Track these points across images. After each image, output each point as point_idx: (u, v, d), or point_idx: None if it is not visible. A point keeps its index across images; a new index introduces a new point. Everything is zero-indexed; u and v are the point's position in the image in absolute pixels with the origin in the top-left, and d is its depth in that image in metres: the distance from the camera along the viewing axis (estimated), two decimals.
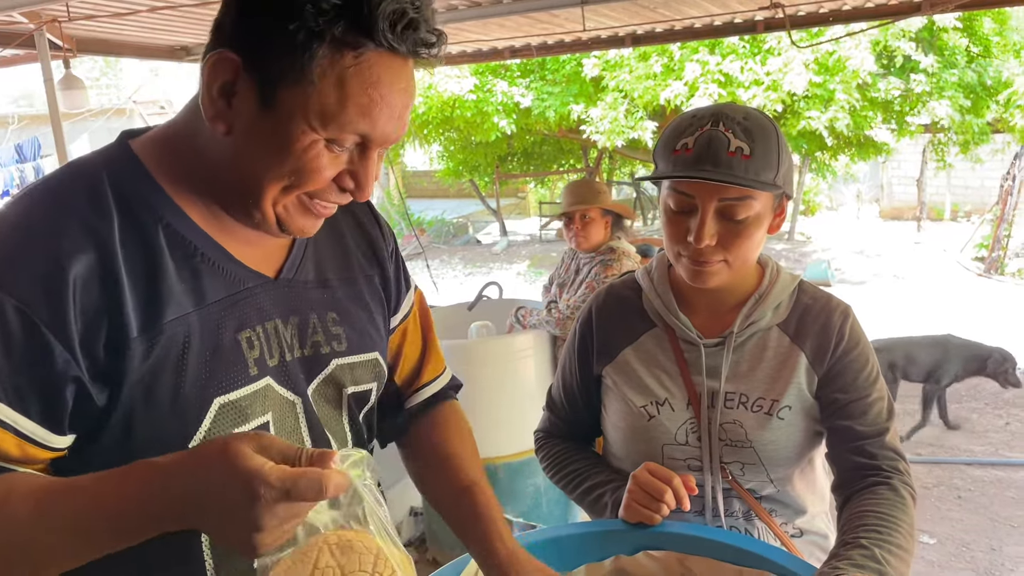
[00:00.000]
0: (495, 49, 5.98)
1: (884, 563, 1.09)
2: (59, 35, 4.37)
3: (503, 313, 3.85)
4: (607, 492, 1.36)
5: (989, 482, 4.41)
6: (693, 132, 1.21)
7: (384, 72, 0.84)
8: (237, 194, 0.89)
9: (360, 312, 1.07)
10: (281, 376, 0.96)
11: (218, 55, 0.83)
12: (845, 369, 1.30)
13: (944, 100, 9.52)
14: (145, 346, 0.84)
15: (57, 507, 0.76)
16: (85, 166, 0.90)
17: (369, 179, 0.91)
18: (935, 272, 10.87)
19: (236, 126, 0.85)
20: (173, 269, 0.87)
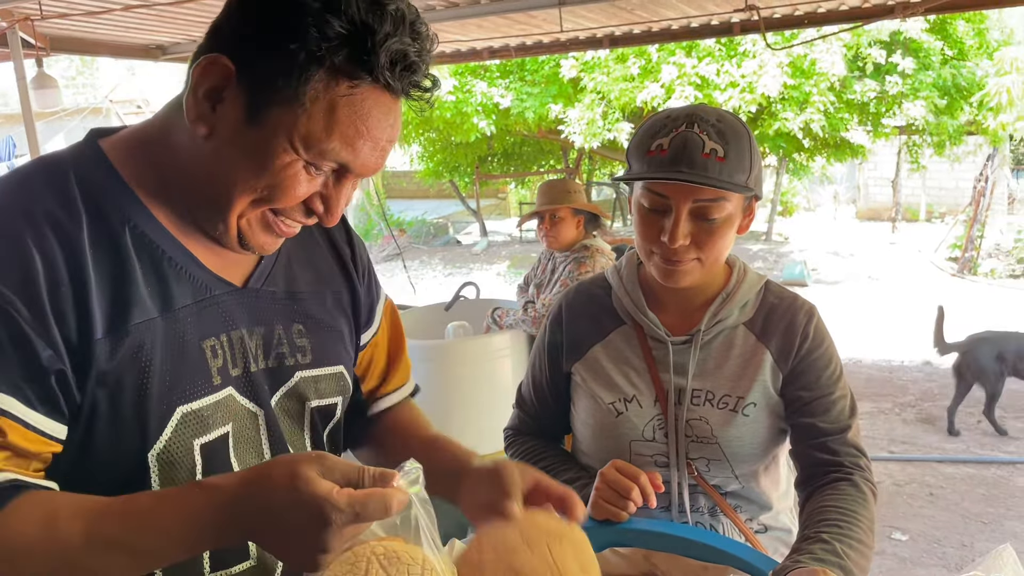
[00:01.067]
0: (474, 49, 5.98)
1: (844, 556, 1.12)
2: (32, 33, 4.32)
3: (480, 313, 3.85)
4: (575, 489, 1.36)
5: (960, 479, 4.47)
6: (668, 133, 1.23)
7: (374, 107, 0.84)
8: (206, 199, 0.89)
9: (327, 325, 1.07)
10: (244, 387, 0.95)
11: (212, 59, 0.82)
12: (809, 368, 1.33)
13: (919, 101, 9.63)
14: (109, 348, 0.83)
15: (111, 530, 0.77)
16: (53, 164, 0.89)
17: (339, 206, 0.90)
18: (910, 272, 10.99)
19: (217, 131, 0.84)
20: (140, 272, 0.87)
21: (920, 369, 6.51)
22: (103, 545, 0.77)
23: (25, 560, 0.77)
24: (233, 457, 0.94)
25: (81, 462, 0.84)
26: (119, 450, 0.84)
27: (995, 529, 3.91)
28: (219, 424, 0.92)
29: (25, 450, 0.80)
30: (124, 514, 0.78)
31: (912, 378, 6.30)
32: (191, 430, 0.89)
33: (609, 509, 1.22)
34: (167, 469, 0.87)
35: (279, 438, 0.99)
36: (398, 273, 12.24)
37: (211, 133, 0.84)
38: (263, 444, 0.97)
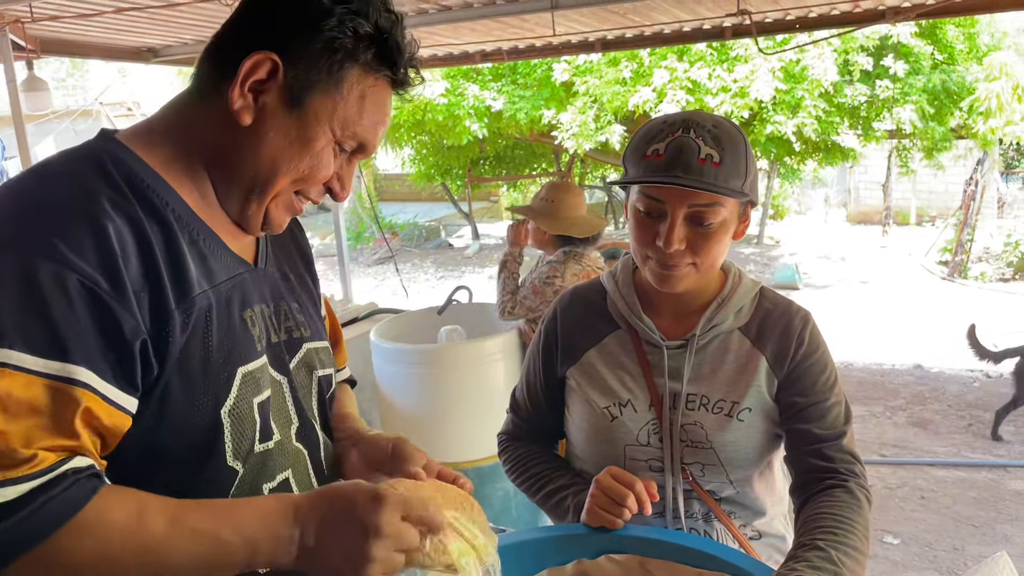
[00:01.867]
0: (466, 53, 5.98)
1: (839, 564, 1.12)
2: (22, 36, 4.30)
3: (473, 317, 3.85)
4: (569, 496, 1.37)
5: (951, 482, 4.49)
6: (664, 138, 1.24)
7: (387, 99, 1.01)
8: (242, 184, 0.97)
9: (309, 303, 1.17)
10: (272, 356, 1.04)
11: (263, 56, 0.92)
12: (804, 374, 1.33)
13: (909, 106, 9.67)
14: (183, 317, 0.90)
15: (195, 522, 0.83)
16: (87, 153, 0.93)
17: (351, 181, 1.04)
18: (900, 276, 11.04)
19: (260, 120, 0.94)
20: (187, 249, 0.93)
21: (911, 372, 6.54)
22: (186, 534, 0.82)
23: (115, 549, 0.80)
24: (272, 420, 1.01)
25: (158, 429, 0.88)
26: (196, 410, 0.91)
27: (986, 533, 3.93)
28: (265, 387, 1.00)
29: (102, 424, 0.83)
30: (205, 507, 0.85)
31: (903, 381, 6.32)
32: (250, 389, 0.97)
33: (604, 516, 1.22)
34: (237, 424, 0.95)
35: (300, 405, 1.07)
36: (390, 276, 12.23)
37: (254, 121, 0.94)
38: (290, 410, 1.05)
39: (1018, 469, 4.63)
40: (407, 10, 4.53)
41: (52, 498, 0.77)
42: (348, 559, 0.83)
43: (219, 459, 0.93)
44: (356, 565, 0.83)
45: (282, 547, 0.84)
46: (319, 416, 1.12)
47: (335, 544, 0.84)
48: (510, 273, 3.58)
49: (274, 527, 0.84)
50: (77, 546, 0.78)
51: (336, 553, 0.84)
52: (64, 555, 0.78)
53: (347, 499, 0.85)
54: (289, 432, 1.04)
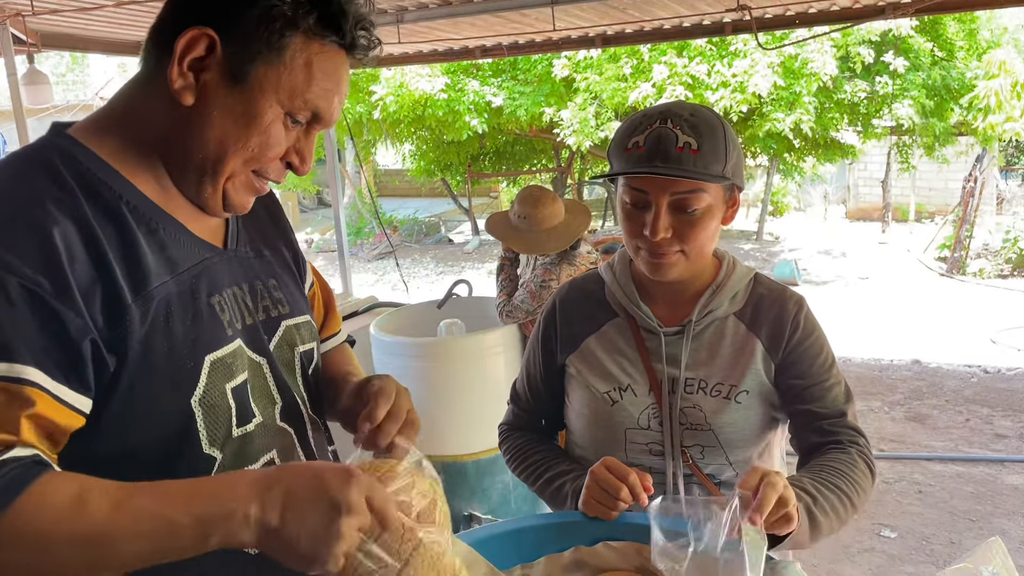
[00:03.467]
0: (466, 48, 5.98)
1: (814, 493, 1.19)
2: (23, 29, 4.30)
3: (473, 311, 3.86)
4: (567, 482, 1.39)
5: (949, 477, 4.51)
6: (643, 130, 1.27)
7: (339, 65, 0.98)
8: (194, 166, 0.95)
9: (289, 278, 1.17)
10: (248, 338, 1.02)
11: (198, 31, 0.89)
12: (801, 357, 1.36)
13: (908, 102, 9.68)
14: (141, 311, 0.89)
15: (139, 504, 0.79)
16: (34, 152, 0.93)
17: (311, 155, 1.01)
18: (899, 272, 11.05)
19: (203, 98, 0.92)
20: (144, 241, 0.92)
21: (909, 368, 6.55)
22: (130, 514, 0.78)
23: (56, 534, 0.78)
24: (252, 402, 1.01)
25: (127, 424, 0.88)
26: (164, 402, 0.90)
27: (983, 527, 3.95)
28: (240, 371, 0.99)
29: (52, 422, 0.82)
30: (155, 489, 0.81)
31: (901, 376, 6.34)
32: (221, 375, 0.96)
33: (599, 508, 1.23)
34: (209, 412, 0.94)
35: (283, 384, 1.07)
36: (390, 271, 12.23)
37: (196, 101, 0.92)
38: (272, 390, 1.05)
39: (1015, 464, 4.64)
40: (407, 4, 4.53)
41: None
42: (316, 536, 0.78)
43: (194, 448, 0.93)
44: (325, 541, 0.78)
45: (237, 526, 0.79)
46: (305, 392, 1.12)
47: (302, 520, 0.79)
48: (507, 276, 3.59)
49: (227, 504, 0.79)
50: (15, 533, 0.76)
51: (303, 530, 0.79)
52: (2, 542, 0.76)
53: (314, 474, 0.81)
54: (273, 412, 1.04)
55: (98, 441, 0.87)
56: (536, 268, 3.44)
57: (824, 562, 3.64)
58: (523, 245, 3.42)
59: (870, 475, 1.30)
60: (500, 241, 3.50)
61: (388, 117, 10.80)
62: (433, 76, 10.15)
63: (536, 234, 3.39)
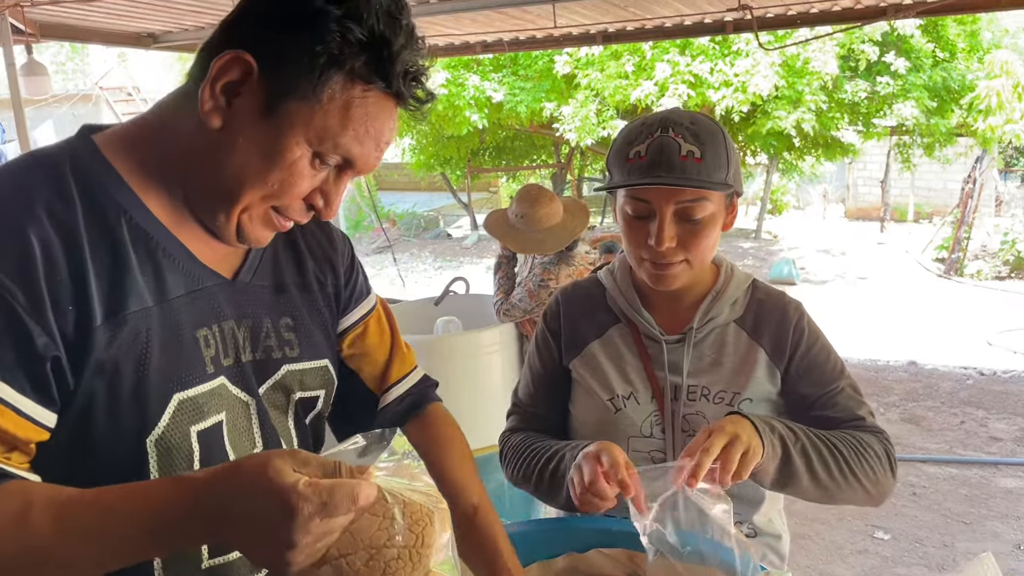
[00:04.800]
0: (467, 43, 5.98)
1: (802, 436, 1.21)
2: (22, 20, 4.29)
3: (470, 309, 3.85)
4: (566, 453, 1.32)
5: (943, 479, 4.51)
6: (644, 140, 1.26)
7: (382, 110, 0.90)
8: (212, 192, 0.91)
9: (314, 318, 1.09)
10: (235, 376, 0.97)
11: (235, 55, 0.85)
12: (811, 365, 1.36)
13: (910, 102, 9.68)
14: (108, 335, 0.85)
15: (82, 520, 0.76)
16: (47, 156, 0.90)
17: (338, 201, 0.95)
18: (897, 272, 11.06)
19: (231, 124, 0.87)
20: (136, 262, 0.88)
21: (905, 369, 6.56)
22: (75, 535, 0.76)
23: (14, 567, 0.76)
24: (228, 445, 0.95)
25: (79, 452, 0.84)
26: (117, 436, 0.86)
27: (976, 529, 3.95)
28: (213, 412, 0.94)
29: (12, 436, 0.80)
30: (95, 503, 0.77)
31: (897, 378, 6.35)
32: (187, 417, 0.90)
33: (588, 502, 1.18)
34: (165, 455, 0.88)
35: (270, 427, 1.01)
36: (388, 266, 12.23)
37: (224, 126, 0.87)
38: (255, 433, 0.99)
39: (1009, 467, 4.65)
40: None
41: None
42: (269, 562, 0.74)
43: None
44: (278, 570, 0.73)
45: (187, 536, 0.76)
46: (297, 438, 1.07)
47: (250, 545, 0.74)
48: (504, 274, 3.58)
49: (175, 519, 0.75)
50: None
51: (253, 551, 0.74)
52: None
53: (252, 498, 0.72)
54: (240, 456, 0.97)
55: (60, 458, 0.85)
56: (534, 267, 3.44)
57: (817, 563, 3.65)
58: (521, 244, 3.41)
59: (887, 461, 1.30)
60: (498, 240, 3.50)
61: None
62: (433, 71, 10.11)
63: (534, 233, 3.38)
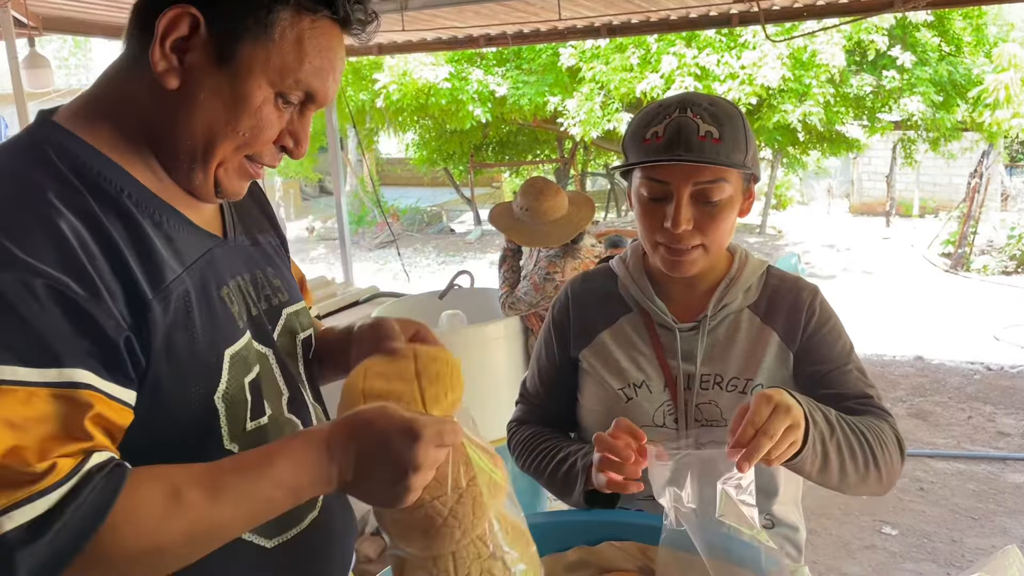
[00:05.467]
0: (470, 37, 5.94)
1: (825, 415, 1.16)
2: (24, 12, 4.27)
3: (474, 302, 3.83)
4: (578, 458, 1.32)
5: (951, 474, 4.49)
6: (662, 120, 1.24)
7: (332, 39, 0.92)
8: (184, 153, 0.90)
9: (282, 263, 1.16)
10: (255, 329, 1.00)
11: (180, 9, 0.84)
12: (820, 343, 1.34)
13: (916, 96, 9.63)
14: (161, 307, 0.85)
15: (231, 487, 0.81)
16: (21, 146, 0.87)
17: (307, 137, 0.96)
18: (903, 267, 11.02)
19: (189, 81, 0.87)
20: (152, 234, 0.88)
21: (912, 364, 6.53)
22: (228, 503, 0.81)
23: (162, 533, 0.78)
24: (263, 396, 0.98)
25: (155, 423, 0.85)
26: (187, 400, 0.88)
27: (984, 525, 3.93)
28: (253, 363, 0.97)
29: (111, 422, 0.80)
30: (238, 470, 0.83)
31: (903, 373, 6.32)
32: (239, 370, 0.94)
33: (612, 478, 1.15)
34: (231, 408, 0.92)
35: (288, 373, 1.04)
36: (391, 260, 12.21)
37: (181, 85, 0.87)
38: (279, 380, 1.03)
39: (1017, 462, 4.62)
40: None
41: (82, 502, 0.75)
42: (388, 492, 0.84)
43: (216, 444, 0.91)
44: (396, 496, 0.83)
45: (322, 487, 0.85)
46: (307, 379, 1.10)
47: (374, 478, 0.84)
48: (509, 267, 3.56)
49: (313, 471, 0.84)
50: (121, 540, 0.77)
51: (376, 486, 0.84)
52: (111, 551, 0.76)
53: (380, 435, 0.83)
54: (280, 404, 1.02)
55: (136, 434, 0.85)
56: (540, 260, 3.42)
57: (825, 559, 3.63)
58: (526, 238, 3.39)
59: (899, 449, 1.27)
60: (503, 233, 3.47)
61: (391, 105, 10.75)
62: (437, 65, 10.10)
63: (539, 227, 3.36)
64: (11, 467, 0.72)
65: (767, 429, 1.04)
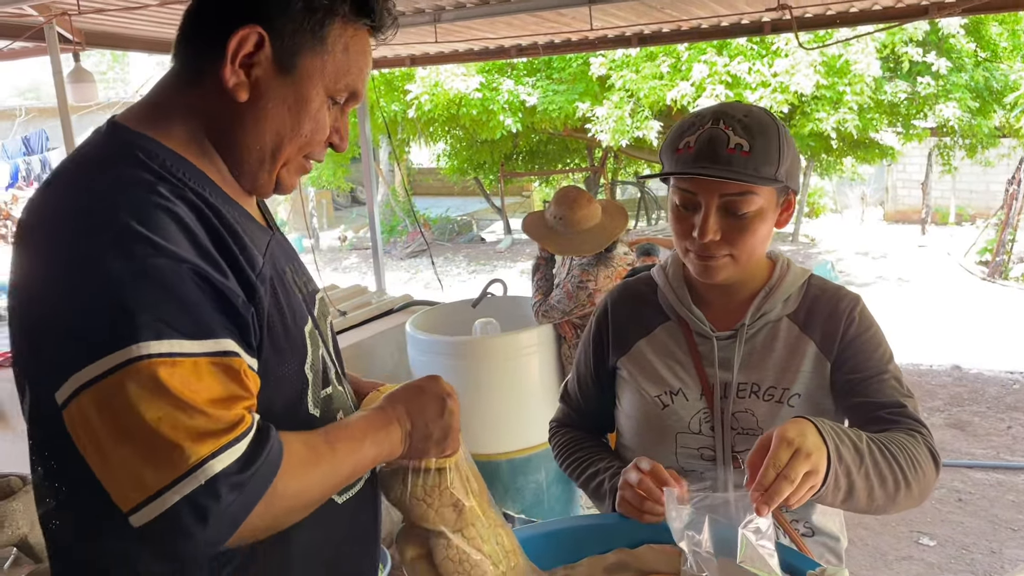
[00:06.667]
0: (502, 47, 5.99)
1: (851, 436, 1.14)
2: (69, 28, 4.39)
3: (507, 311, 3.86)
4: (606, 479, 1.38)
5: (990, 485, 4.42)
6: (695, 131, 1.25)
7: (367, 44, 1.04)
8: (253, 156, 1.00)
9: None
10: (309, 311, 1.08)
11: (248, 29, 0.93)
12: (857, 351, 1.33)
13: (952, 102, 9.51)
14: (262, 287, 0.94)
15: (345, 449, 0.96)
16: (113, 151, 0.93)
17: (348, 131, 1.08)
18: (940, 275, 10.86)
19: (255, 93, 0.96)
20: (236, 224, 0.96)
21: (949, 373, 6.44)
22: (345, 462, 0.96)
23: (306, 479, 0.91)
24: (325, 367, 1.08)
25: (262, 390, 0.93)
26: (287, 370, 0.99)
27: None
28: (316, 339, 1.07)
29: (252, 393, 0.89)
30: (349, 435, 0.98)
31: (941, 382, 6.23)
32: (316, 344, 1.05)
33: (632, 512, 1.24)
34: (315, 378, 1.04)
35: (329, 350, 1.13)
36: (423, 269, 12.29)
37: (250, 95, 0.96)
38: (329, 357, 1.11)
39: None
40: (444, 3, 4.54)
41: (271, 447, 0.86)
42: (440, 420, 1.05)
43: (305, 410, 1.02)
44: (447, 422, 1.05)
45: (396, 444, 1.02)
46: (337, 361, 1.18)
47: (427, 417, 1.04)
48: (543, 275, 3.58)
49: (393, 436, 1.01)
50: (285, 483, 0.88)
51: (429, 422, 1.04)
52: (282, 491, 0.87)
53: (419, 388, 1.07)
54: (332, 376, 1.10)
55: None
56: (573, 269, 3.44)
57: (861, 569, 3.59)
58: (559, 246, 3.41)
59: (932, 462, 1.23)
60: (536, 242, 3.49)
61: (423, 116, 10.84)
62: (468, 75, 10.17)
63: (572, 235, 3.37)
64: (212, 416, 0.82)
65: (788, 473, 1.02)
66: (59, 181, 0.92)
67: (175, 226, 0.86)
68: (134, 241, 0.82)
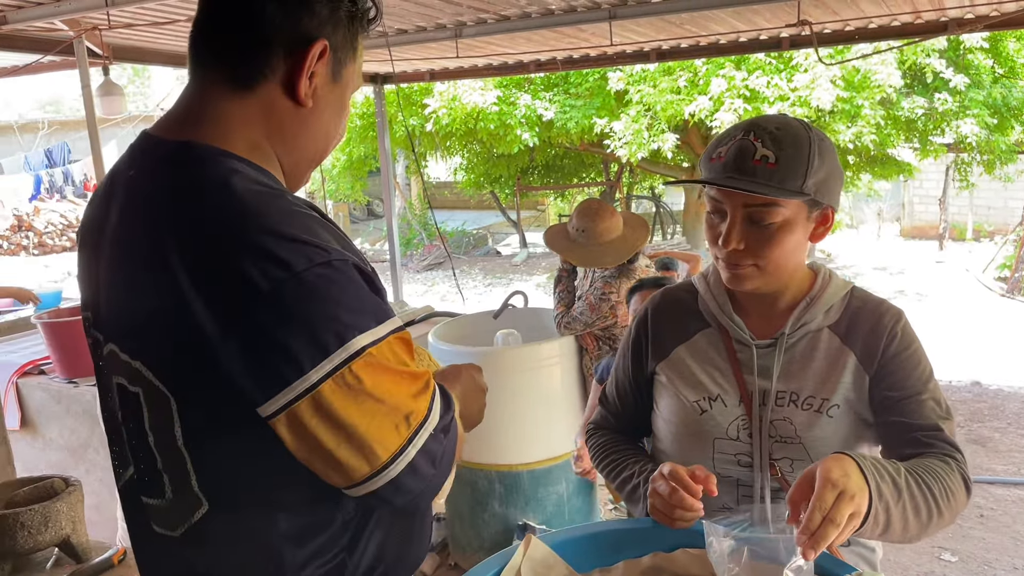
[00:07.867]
0: (521, 62, 6.03)
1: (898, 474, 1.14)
2: (98, 43, 4.46)
3: (528, 322, 3.88)
4: (640, 483, 1.40)
5: (1012, 501, 4.39)
6: (727, 141, 1.28)
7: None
8: (308, 156, 1.09)
9: None
10: None
11: (323, 44, 1.02)
12: (897, 368, 1.33)
13: (970, 119, 9.48)
14: None
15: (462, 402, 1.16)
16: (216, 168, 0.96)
17: None
18: (958, 291, 10.80)
19: (316, 100, 1.05)
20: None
21: (969, 390, 6.40)
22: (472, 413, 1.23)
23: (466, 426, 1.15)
24: None
25: None
26: None
27: None
28: None
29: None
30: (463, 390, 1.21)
31: (961, 398, 6.19)
32: None
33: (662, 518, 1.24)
34: None
35: None
36: (439, 282, 12.33)
37: (313, 103, 1.05)
38: None
39: None
40: (466, 19, 4.59)
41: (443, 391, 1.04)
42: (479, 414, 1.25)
43: None
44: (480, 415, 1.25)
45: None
46: None
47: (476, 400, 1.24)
48: (565, 287, 3.60)
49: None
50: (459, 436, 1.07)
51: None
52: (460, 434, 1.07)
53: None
54: None
55: None
56: (595, 281, 3.46)
57: None
58: (581, 258, 3.43)
59: (964, 489, 1.24)
60: (558, 254, 3.52)
61: (440, 129, 10.91)
62: (485, 90, 10.23)
63: (594, 248, 3.40)
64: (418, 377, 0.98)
65: (833, 516, 1.02)
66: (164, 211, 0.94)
67: (323, 230, 0.95)
68: (313, 245, 0.91)
